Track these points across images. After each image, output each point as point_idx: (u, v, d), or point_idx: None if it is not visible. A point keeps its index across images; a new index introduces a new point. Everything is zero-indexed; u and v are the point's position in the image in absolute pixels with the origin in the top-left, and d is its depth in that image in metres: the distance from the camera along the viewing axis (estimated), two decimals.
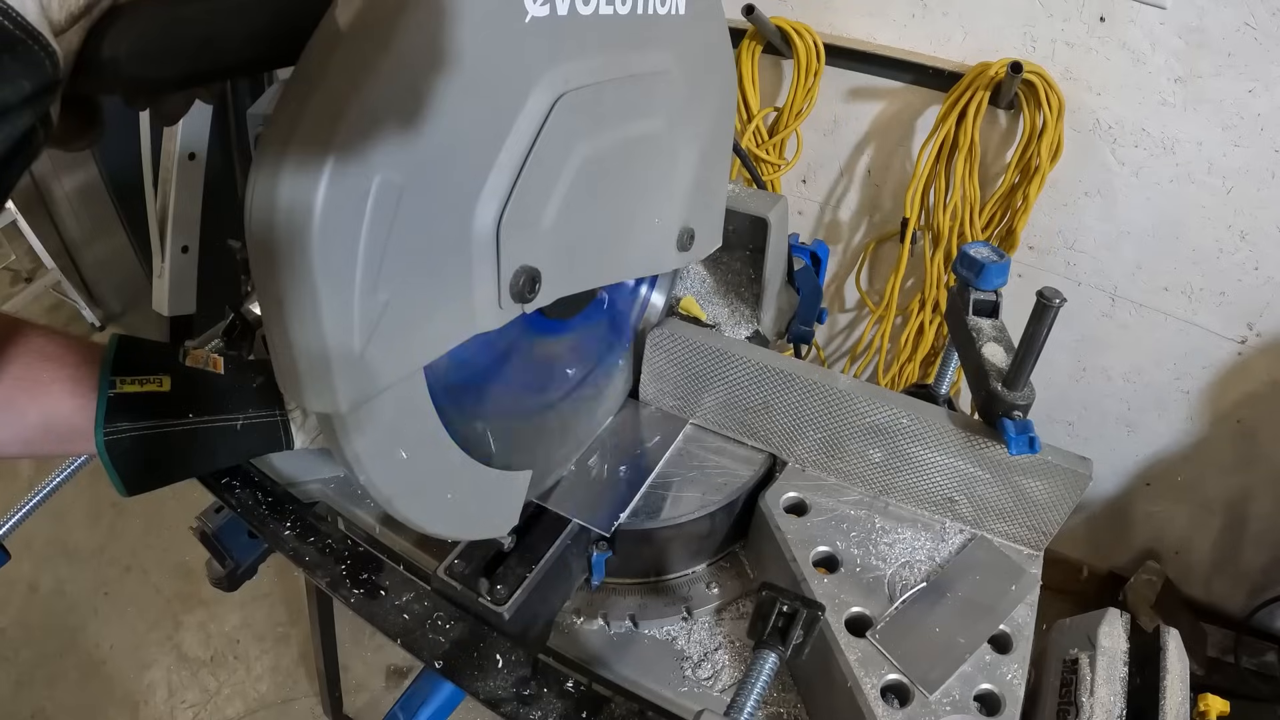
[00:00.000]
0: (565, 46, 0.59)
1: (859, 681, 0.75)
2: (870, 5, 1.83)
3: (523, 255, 0.63)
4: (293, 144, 0.44)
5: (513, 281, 0.63)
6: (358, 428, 0.56)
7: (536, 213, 0.63)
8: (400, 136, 0.48)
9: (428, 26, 0.48)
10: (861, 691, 0.74)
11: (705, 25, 0.76)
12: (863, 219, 2.16)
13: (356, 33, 0.45)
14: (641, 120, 0.72)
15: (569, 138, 0.63)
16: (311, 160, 0.44)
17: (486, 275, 0.61)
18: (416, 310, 0.55)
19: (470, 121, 0.54)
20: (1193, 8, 1.50)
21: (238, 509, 0.95)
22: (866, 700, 0.74)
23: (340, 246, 0.47)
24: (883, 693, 0.75)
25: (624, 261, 0.80)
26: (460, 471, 0.69)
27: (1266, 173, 1.59)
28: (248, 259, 0.47)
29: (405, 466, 0.62)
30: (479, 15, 0.51)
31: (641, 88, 0.70)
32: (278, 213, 0.45)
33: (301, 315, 0.48)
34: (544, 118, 0.59)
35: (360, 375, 0.53)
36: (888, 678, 0.75)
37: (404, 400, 0.59)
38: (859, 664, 0.76)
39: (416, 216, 0.52)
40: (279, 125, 0.45)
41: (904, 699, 0.75)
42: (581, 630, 0.93)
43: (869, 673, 0.76)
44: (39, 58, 0.40)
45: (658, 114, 0.74)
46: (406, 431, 0.61)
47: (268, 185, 0.44)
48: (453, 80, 0.50)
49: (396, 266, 0.51)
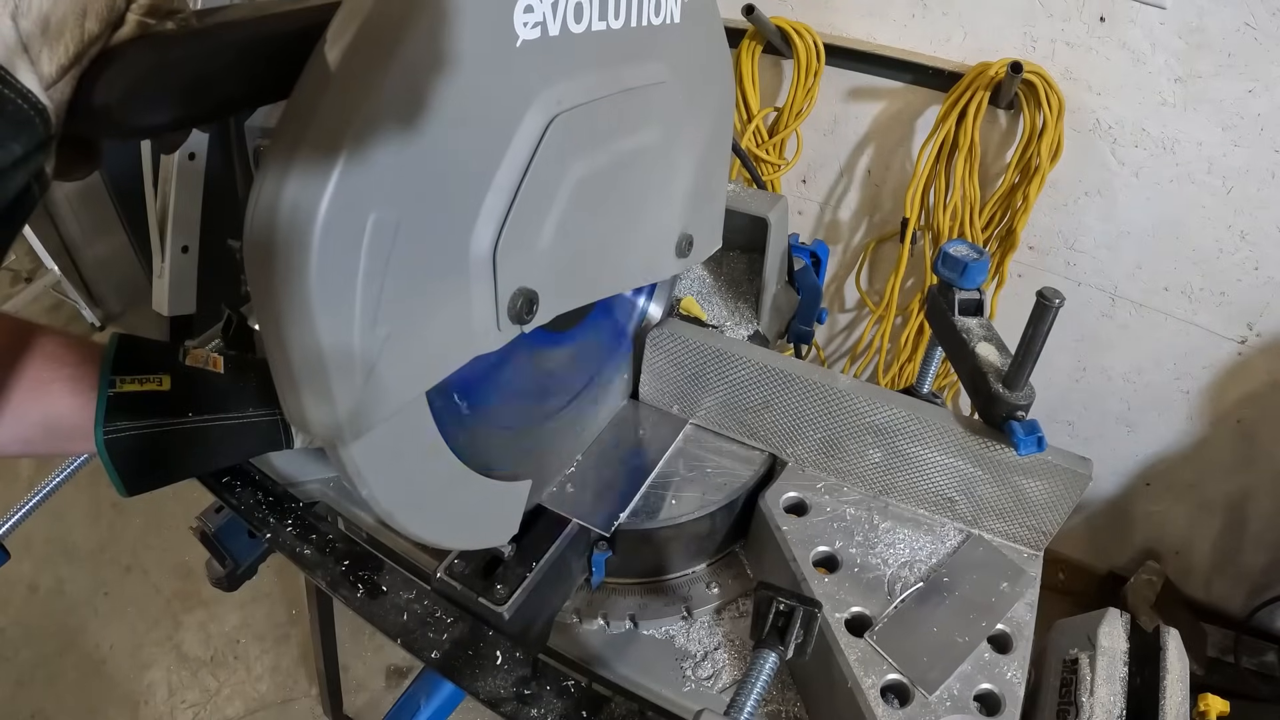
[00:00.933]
0: (558, 66, 0.59)
1: (859, 681, 0.75)
2: (870, 5, 1.83)
3: (520, 277, 0.63)
4: (286, 188, 0.44)
5: (510, 303, 0.63)
6: (359, 443, 0.56)
7: (533, 234, 0.63)
8: (394, 170, 0.48)
9: (418, 59, 0.48)
10: (861, 691, 0.74)
11: (701, 30, 0.76)
12: (862, 219, 2.16)
13: (347, 69, 0.45)
14: (638, 133, 0.72)
15: (565, 157, 0.63)
16: (303, 207, 0.44)
17: (484, 298, 0.60)
18: (416, 338, 0.55)
19: (464, 149, 0.53)
20: (1193, 8, 1.50)
21: (238, 508, 0.95)
22: (866, 700, 0.74)
23: (339, 283, 0.47)
24: (883, 692, 0.75)
25: (622, 272, 0.80)
26: (461, 483, 0.69)
27: (1266, 173, 1.59)
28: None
29: (406, 480, 0.62)
30: (469, 45, 0.50)
31: (638, 101, 0.70)
32: (276, 256, 0.45)
33: (307, 367, 0.49)
34: (539, 139, 0.59)
35: (363, 406, 0.53)
36: (888, 677, 0.75)
37: (404, 417, 0.59)
38: (859, 664, 0.76)
39: (413, 246, 0.52)
40: (273, 166, 0.45)
41: (904, 699, 0.75)
42: (581, 630, 0.93)
43: (869, 672, 0.76)
44: (28, 116, 0.39)
45: (655, 125, 0.74)
46: (407, 447, 0.61)
47: (265, 220, 0.45)
48: (444, 111, 0.50)
49: (395, 298, 0.51)
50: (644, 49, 0.68)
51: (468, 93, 0.51)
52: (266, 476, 1.00)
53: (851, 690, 0.75)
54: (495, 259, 0.59)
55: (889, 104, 1.94)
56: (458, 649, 0.77)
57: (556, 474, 0.93)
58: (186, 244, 2.11)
